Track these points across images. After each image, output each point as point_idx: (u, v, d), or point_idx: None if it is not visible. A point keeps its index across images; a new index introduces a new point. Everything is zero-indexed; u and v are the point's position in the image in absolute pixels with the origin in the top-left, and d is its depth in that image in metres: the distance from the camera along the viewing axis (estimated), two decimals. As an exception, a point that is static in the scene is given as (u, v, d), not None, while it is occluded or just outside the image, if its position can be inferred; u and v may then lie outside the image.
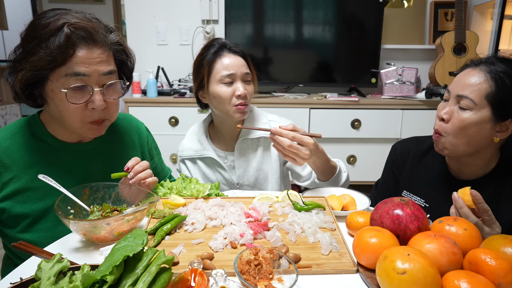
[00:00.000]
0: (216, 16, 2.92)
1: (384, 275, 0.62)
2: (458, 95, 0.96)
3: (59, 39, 0.83)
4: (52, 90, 0.88)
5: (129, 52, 1.03)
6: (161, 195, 1.05)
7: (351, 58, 2.88)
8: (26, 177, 0.93)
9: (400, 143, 1.27)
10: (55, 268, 0.56)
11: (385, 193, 1.26)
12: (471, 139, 0.96)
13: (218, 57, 1.25)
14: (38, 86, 0.89)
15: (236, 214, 0.92)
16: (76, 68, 0.86)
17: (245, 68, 1.27)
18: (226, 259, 0.76)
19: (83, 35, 0.86)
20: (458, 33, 2.64)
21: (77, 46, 0.86)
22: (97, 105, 0.90)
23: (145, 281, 0.55)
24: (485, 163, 1.02)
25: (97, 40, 0.89)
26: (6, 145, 0.94)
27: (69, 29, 0.84)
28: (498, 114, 0.93)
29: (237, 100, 1.24)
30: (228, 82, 1.24)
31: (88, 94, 0.89)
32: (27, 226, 0.93)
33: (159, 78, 2.96)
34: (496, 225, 0.85)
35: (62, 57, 0.84)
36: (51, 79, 0.87)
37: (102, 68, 0.90)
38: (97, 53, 0.89)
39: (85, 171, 1.02)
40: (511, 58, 0.97)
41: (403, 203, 0.77)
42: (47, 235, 0.94)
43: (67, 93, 0.86)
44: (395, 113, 2.63)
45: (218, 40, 1.30)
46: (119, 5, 4.81)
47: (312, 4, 2.75)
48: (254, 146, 1.35)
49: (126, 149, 1.14)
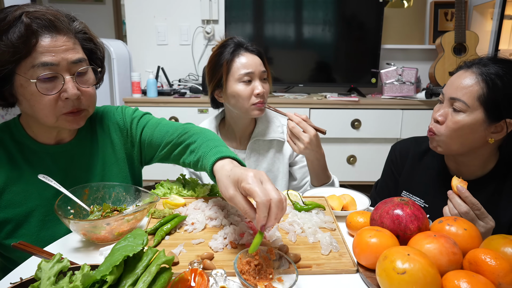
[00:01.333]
0: (216, 16, 2.92)
1: (384, 275, 0.62)
2: (451, 98, 0.98)
3: (19, 29, 0.80)
4: (21, 85, 0.84)
5: (97, 40, 0.99)
6: (161, 195, 1.05)
7: (351, 58, 2.88)
8: (8, 181, 0.91)
9: (400, 143, 1.27)
10: (55, 268, 0.56)
11: (385, 193, 1.26)
12: (465, 139, 0.97)
13: (236, 56, 1.27)
14: (6, 83, 0.85)
15: (236, 214, 0.92)
16: (43, 57, 0.82)
17: (262, 67, 1.29)
18: (226, 259, 0.76)
19: (44, 24, 0.83)
20: (458, 33, 2.64)
21: (39, 35, 0.82)
22: (70, 93, 0.86)
23: (145, 281, 0.55)
24: (483, 163, 1.02)
25: (59, 27, 0.86)
26: None
27: (28, 18, 0.81)
28: (491, 116, 0.93)
29: (256, 99, 1.26)
30: (246, 80, 1.26)
31: (60, 84, 0.85)
32: (10, 232, 0.92)
33: (159, 78, 2.96)
34: (489, 219, 0.86)
35: (25, 47, 0.80)
36: (18, 73, 0.83)
37: (70, 55, 0.86)
38: (62, 41, 0.85)
39: (67, 172, 0.99)
40: (505, 59, 0.97)
41: (403, 203, 0.77)
42: (31, 240, 0.92)
43: (37, 84, 0.83)
44: (395, 113, 2.63)
45: (233, 39, 1.31)
46: (119, 5, 4.81)
47: (312, 4, 2.75)
48: (266, 148, 1.37)
49: (107, 147, 1.07)
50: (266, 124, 1.38)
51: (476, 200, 0.84)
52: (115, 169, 1.07)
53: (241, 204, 0.72)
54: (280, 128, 1.38)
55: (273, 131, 1.37)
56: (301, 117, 1.17)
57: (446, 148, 1.01)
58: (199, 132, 1.02)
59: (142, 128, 1.09)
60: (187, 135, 1.02)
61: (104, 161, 1.05)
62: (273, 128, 1.37)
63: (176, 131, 1.04)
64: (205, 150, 0.91)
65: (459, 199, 0.86)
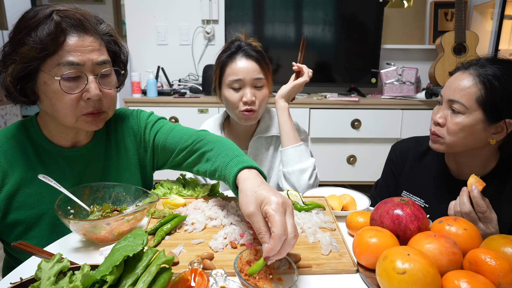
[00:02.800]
0: (216, 16, 2.92)
1: (384, 275, 0.62)
2: (450, 100, 0.98)
3: (48, 26, 0.81)
4: (44, 82, 0.85)
5: (121, 44, 1.00)
6: (161, 195, 1.05)
7: (351, 58, 2.88)
8: (22, 183, 0.91)
9: (400, 143, 1.27)
10: (55, 268, 0.56)
11: (385, 193, 1.26)
12: (467, 140, 0.98)
13: (230, 61, 1.26)
14: (30, 80, 0.86)
15: (236, 214, 0.92)
16: (69, 56, 0.83)
17: (256, 73, 1.26)
18: (226, 259, 0.76)
19: (73, 23, 0.84)
20: (458, 33, 2.64)
21: (67, 34, 0.83)
22: (92, 94, 0.87)
23: (145, 281, 0.55)
24: (484, 163, 1.03)
25: (87, 28, 0.87)
26: (3, 149, 0.91)
27: (58, 16, 0.82)
28: (490, 116, 0.94)
29: (243, 106, 1.25)
30: (236, 87, 1.25)
31: (83, 84, 0.86)
32: (21, 233, 0.91)
33: (159, 78, 2.96)
34: (491, 225, 0.86)
35: (52, 44, 0.81)
36: (43, 70, 0.84)
37: (95, 56, 0.87)
38: (89, 41, 0.86)
39: (81, 177, 0.99)
40: (502, 60, 0.97)
41: (403, 203, 0.77)
42: (41, 243, 0.91)
43: (60, 82, 0.83)
44: (395, 113, 2.63)
45: (236, 42, 1.30)
46: (119, 5, 4.81)
47: (312, 4, 2.75)
48: (267, 145, 1.37)
49: (120, 152, 1.07)
50: (268, 121, 1.37)
51: (483, 202, 0.84)
52: (127, 174, 1.06)
53: (259, 224, 0.69)
54: None
55: (274, 128, 1.36)
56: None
57: (449, 148, 1.02)
58: (215, 140, 0.99)
59: (155, 133, 1.08)
60: (203, 143, 1.00)
61: (118, 166, 1.05)
62: (275, 125, 1.36)
63: (191, 138, 1.02)
64: (224, 160, 0.89)
65: (466, 198, 0.86)
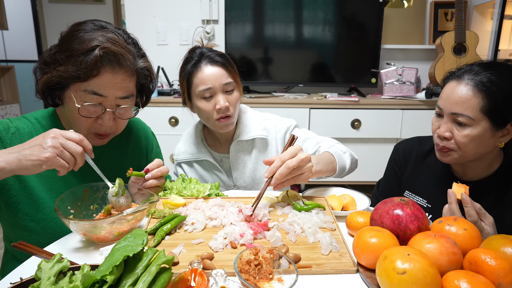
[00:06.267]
0: (216, 16, 2.92)
1: (384, 275, 0.62)
2: (453, 113, 0.96)
3: (88, 59, 0.86)
4: (69, 97, 0.92)
5: (154, 76, 1.05)
6: (161, 195, 1.05)
7: (351, 58, 2.88)
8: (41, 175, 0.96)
9: (403, 143, 1.27)
10: (55, 268, 0.56)
11: (387, 192, 1.26)
12: (478, 149, 0.97)
13: (195, 71, 1.21)
14: (59, 88, 0.92)
15: (236, 214, 0.92)
16: (96, 88, 0.90)
17: (224, 78, 1.21)
18: (226, 259, 0.76)
19: (111, 59, 0.89)
20: (458, 33, 2.64)
21: (102, 68, 0.88)
22: (106, 123, 0.95)
23: (145, 281, 0.55)
24: (488, 164, 1.03)
25: (123, 65, 0.91)
26: (38, 127, 0.99)
27: (100, 52, 0.86)
28: (496, 123, 0.94)
29: (217, 114, 1.22)
30: (207, 96, 1.21)
31: (100, 111, 0.93)
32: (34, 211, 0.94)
33: (159, 78, 2.96)
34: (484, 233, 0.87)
35: (86, 76, 0.88)
36: (71, 88, 0.91)
37: (120, 92, 0.93)
38: (120, 78, 0.92)
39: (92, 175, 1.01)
40: (494, 63, 0.97)
41: (403, 203, 0.77)
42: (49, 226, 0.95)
43: (79, 109, 0.90)
44: (395, 113, 2.63)
45: (197, 50, 1.25)
46: (119, 5, 4.81)
47: (312, 4, 2.75)
48: (249, 148, 1.34)
49: (133, 153, 1.17)
50: (245, 124, 1.34)
51: (474, 212, 0.86)
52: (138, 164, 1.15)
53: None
54: (261, 126, 1.33)
55: (253, 130, 1.32)
56: (274, 163, 0.97)
57: (462, 159, 1.01)
58: None
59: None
60: None
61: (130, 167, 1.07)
62: (253, 127, 1.33)
63: None
64: None
65: (455, 207, 0.89)
